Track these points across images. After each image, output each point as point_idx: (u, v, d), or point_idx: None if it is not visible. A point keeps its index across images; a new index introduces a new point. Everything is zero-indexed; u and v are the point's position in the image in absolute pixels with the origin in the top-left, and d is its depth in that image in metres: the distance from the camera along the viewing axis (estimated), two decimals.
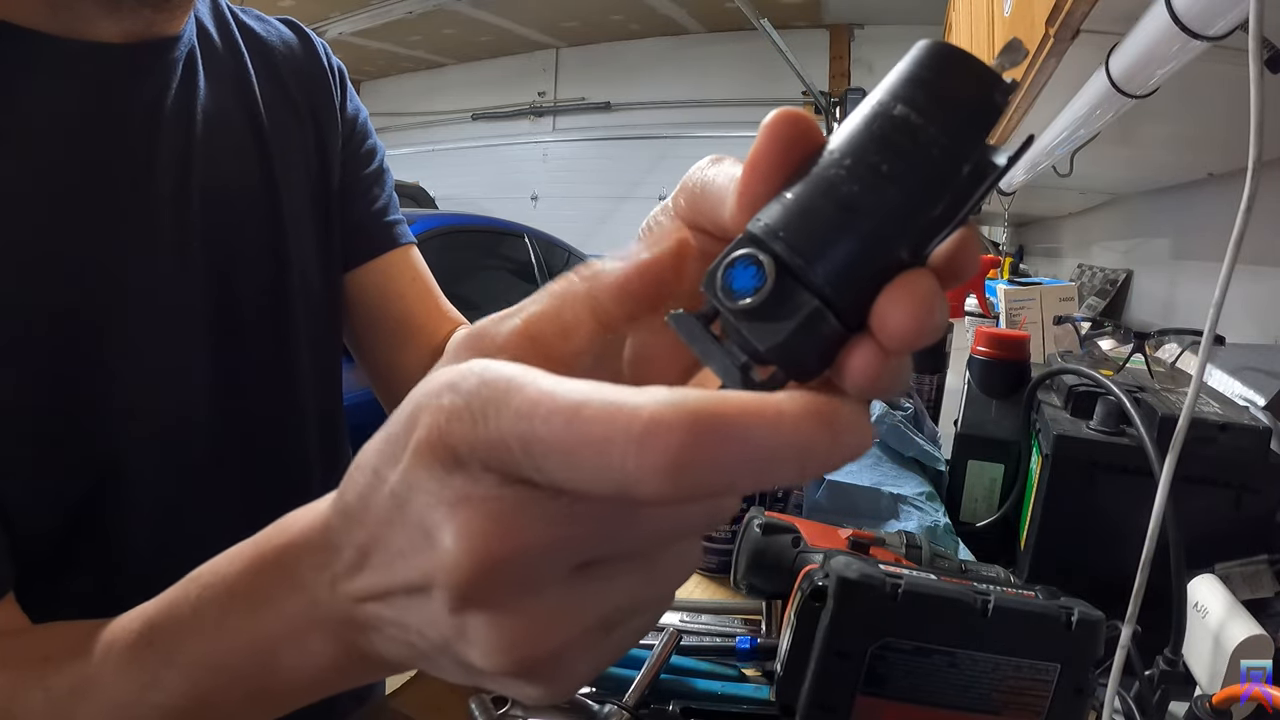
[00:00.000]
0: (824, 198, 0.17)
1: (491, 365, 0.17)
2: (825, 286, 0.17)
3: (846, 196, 0.17)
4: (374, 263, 0.58)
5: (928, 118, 0.18)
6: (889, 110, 0.18)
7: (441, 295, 0.61)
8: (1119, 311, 1.65)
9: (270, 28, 0.55)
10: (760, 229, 0.18)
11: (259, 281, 0.49)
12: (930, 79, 0.18)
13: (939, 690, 0.39)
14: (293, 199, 0.51)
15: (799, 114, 0.19)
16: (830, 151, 0.18)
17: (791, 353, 0.18)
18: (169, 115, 0.44)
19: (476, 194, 6.77)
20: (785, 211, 0.18)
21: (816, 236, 0.17)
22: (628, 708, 0.45)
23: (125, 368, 0.42)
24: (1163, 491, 0.43)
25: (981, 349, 0.80)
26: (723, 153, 0.23)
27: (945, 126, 0.18)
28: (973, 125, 0.18)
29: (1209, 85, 0.65)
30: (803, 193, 0.18)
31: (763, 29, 4.11)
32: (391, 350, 0.58)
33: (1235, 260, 0.39)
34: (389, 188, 0.61)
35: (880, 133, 0.18)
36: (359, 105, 0.59)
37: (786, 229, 0.18)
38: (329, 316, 0.56)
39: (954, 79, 0.18)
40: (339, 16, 5.05)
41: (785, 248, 0.17)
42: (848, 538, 0.58)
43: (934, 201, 0.18)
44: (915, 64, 0.18)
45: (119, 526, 0.42)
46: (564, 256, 3.78)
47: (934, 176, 0.18)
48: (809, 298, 0.17)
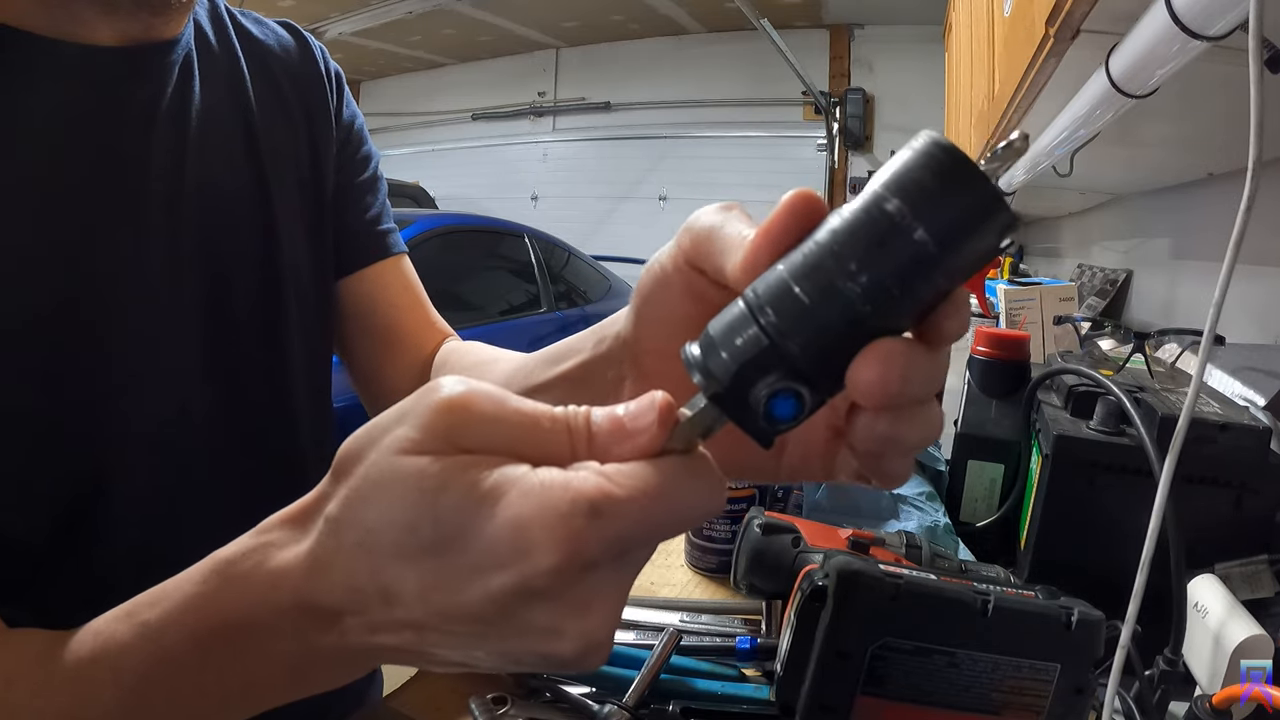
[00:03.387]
0: (837, 313, 0.20)
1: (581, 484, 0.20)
2: (827, 391, 0.21)
3: (857, 314, 0.20)
4: (365, 271, 0.58)
5: (933, 239, 0.19)
6: (899, 224, 0.19)
7: (431, 306, 0.62)
8: (1119, 311, 1.65)
9: (268, 30, 0.55)
10: (775, 333, 0.20)
11: (252, 283, 0.49)
12: (936, 189, 0.19)
13: (939, 690, 0.39)
14: (285, 202, 0.51)
15: (814, 196, 0.22)
16: (835, 249, 0.20)
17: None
18: (164, 118, 0.44)
19: (476, 194, 6.77)
20: (799, 320, 0.20)
21: (829, 353, 0.20)
22: (628, 708, 0.45)
23: (118, 368, 0.42)
24: (1163, 491, 0.43)
25: (981, 349, 0.80)
26: (723, 152, 0.25)
27: (950, 248, 0.19)
28: (976, 254, 0.20)
29: (1209, 85, 0.65)
30: (817, 302, 0.20)
31: (763, 29, 4.11)
32: (379, 358, 0.59)
33: (1235, 260, 0.39)
34: (383, 196, 0.61)
35: (885, 242, 0.19)
36: (355, 111, 0.59)
37: (804, 348, 0.20)
38: (322, 319, 0.56)
39: (958, 193, 0.19)
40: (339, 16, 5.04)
41: (803, 362, 0.20)
42: (848, 538, 0.58)
43: (924, 299, 0.20)
44: (924, 166, 0.19)
45: (112, 528, 0.42)
46: (564, 256, 3.78)
47: (929, 282, 0.20)
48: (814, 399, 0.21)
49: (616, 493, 0.20)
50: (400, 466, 0.21)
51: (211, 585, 0.24)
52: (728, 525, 0.68)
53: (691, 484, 0.21)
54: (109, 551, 0.42)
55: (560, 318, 3.28)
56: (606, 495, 0.20)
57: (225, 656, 0.24)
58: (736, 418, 0.21)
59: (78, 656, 0.26)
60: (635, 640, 0.56)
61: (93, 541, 0.42)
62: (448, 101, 7.45)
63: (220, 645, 0.24)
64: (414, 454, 0.21)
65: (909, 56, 5.28)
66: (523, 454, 0.21)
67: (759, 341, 0.20)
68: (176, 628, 0.24)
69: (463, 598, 0.21)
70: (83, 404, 0.40)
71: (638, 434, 0.21)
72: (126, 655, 0.25)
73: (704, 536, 0.69)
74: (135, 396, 0.43)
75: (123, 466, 0.42)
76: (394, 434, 0.22)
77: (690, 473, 0.21)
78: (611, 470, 0.20)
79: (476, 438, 0.21)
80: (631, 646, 0.54)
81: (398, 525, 0.21)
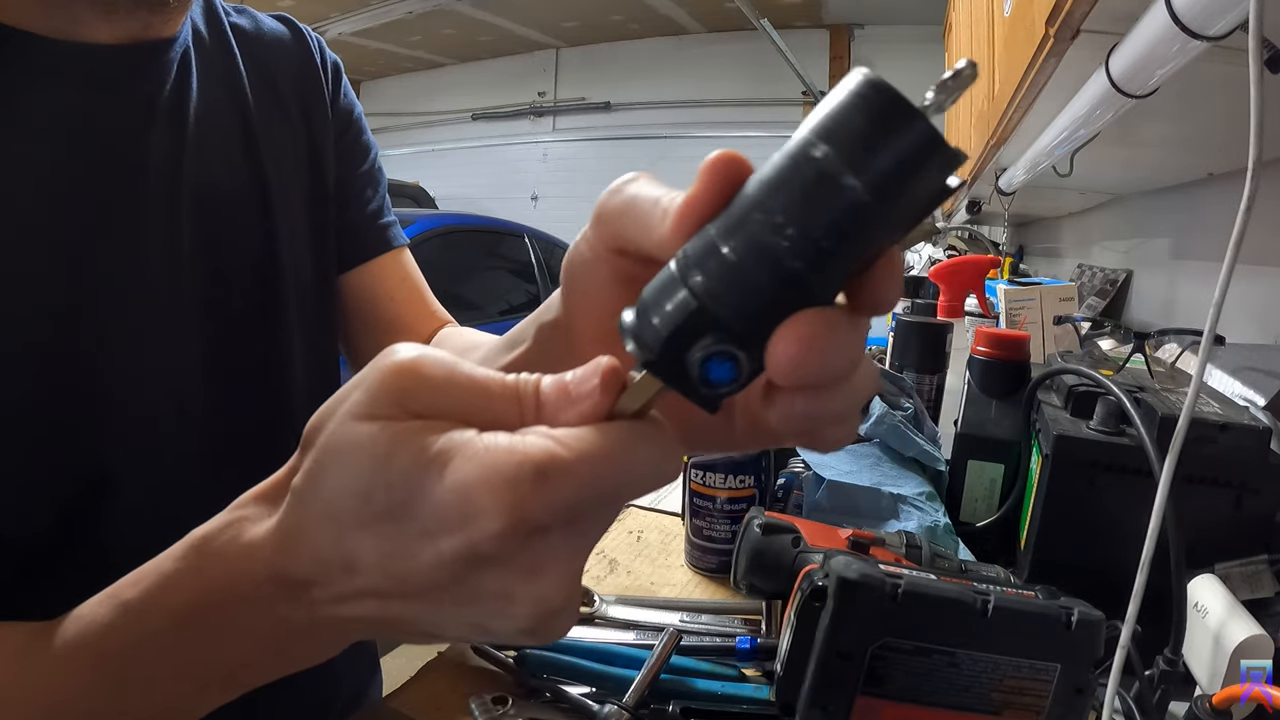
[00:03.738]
0: (766, 272, 0.19)
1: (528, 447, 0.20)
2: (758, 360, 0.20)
3: (788, 272, 0.18)
4: (367, 265, 0.59)
5: (865, 186, 0.18)
6: (826, 172, 0.18)
7: (430, 295, 0.62)
8: (1119, 311, 1.65)
9: (263, 25, 0.55)
10: (705, 295, 0.19)
11: (251, 282, 0.49)
12: (866, 132, 0.18)
13: (939, 690, 0.39)
14: (284, 198, 0.51)
15: (735, 157, 0.20)
16: (762, 202, 0.19)
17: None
18: (161, 117, 0.44)
19: (476, 194, 6.77)
20: (728, 280, 0.19)
21: (761, 314, 0.19)
22: (628, 708, 0.45)
23: (117, 368, 0.42)
24: (1163, 491, 0.43)
25: (981, 349, 0.80)
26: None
27: (885, 196, 0.18)
28: (917, 200, 0.18)
29: (1209, 85, 0.65)
30: (745, 260, 0.19)
31: (763, 29, 4.11)
32: (380, 347, 0.59)
33: (1235, 260, 0.39)
34: (383, 188, 0.61)
35: (812, 193, 0.18)
36: (354, 100, 0.59)
37: (735, 309, 0.19)
38: (324, 317, 0.56)
39: (890, 134, 0.18)
40: (339, 16, 5.05)
41: (736, 323, 0.19)
42: (848, 538, 0.58)
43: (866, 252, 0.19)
44: (854, 108, 0.18)
45: (112, 528, 0.42)
46: (564, 256, 3.78)
47: (866, 233, 0.18)
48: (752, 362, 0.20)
49: (563, 455, 0.20)
50: (353, 433, 0.21)
51: (189, 561, 0.25)
52: (728, 525, 0.68)
53: (641, 446, 0.21)
54: (109, 550, 0.42)
55: None
56: (552, 458, 0.20)
57: (203, 634, 0.24)
58: (675, 384, 0.20)
59: (60, 642, 0.26)
60: (635, 640, 0.56)
61: (93, 540, 0.42)
62: (448, 101, 7.45)
63: (198, 622, 0.24)
64: (366, 419, 0.21)
65: (909, 56, 5.27)
66: (472, 419, 0.21)
67: (688, 305, 0.19)
68: (156, 606, 0.25)
69: (416, 563, 0.21)
70: (82, 402, 0.40)
71: (582, 399, 0.21)
72: (108, 636, 0.25)
73: (704, 536, 0.69)
74: (135, 395, 0.43)
75: (122, 465, 0.42)
76: (349, 400, 0.22)
77: (639, 436, 0.21)
78: (560, 434, 0.20)
79: (426, 402, 0.21)
80: (631, 646, 0.54)
81: (353, 492, 0.21)
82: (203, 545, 0.25)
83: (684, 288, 0.19)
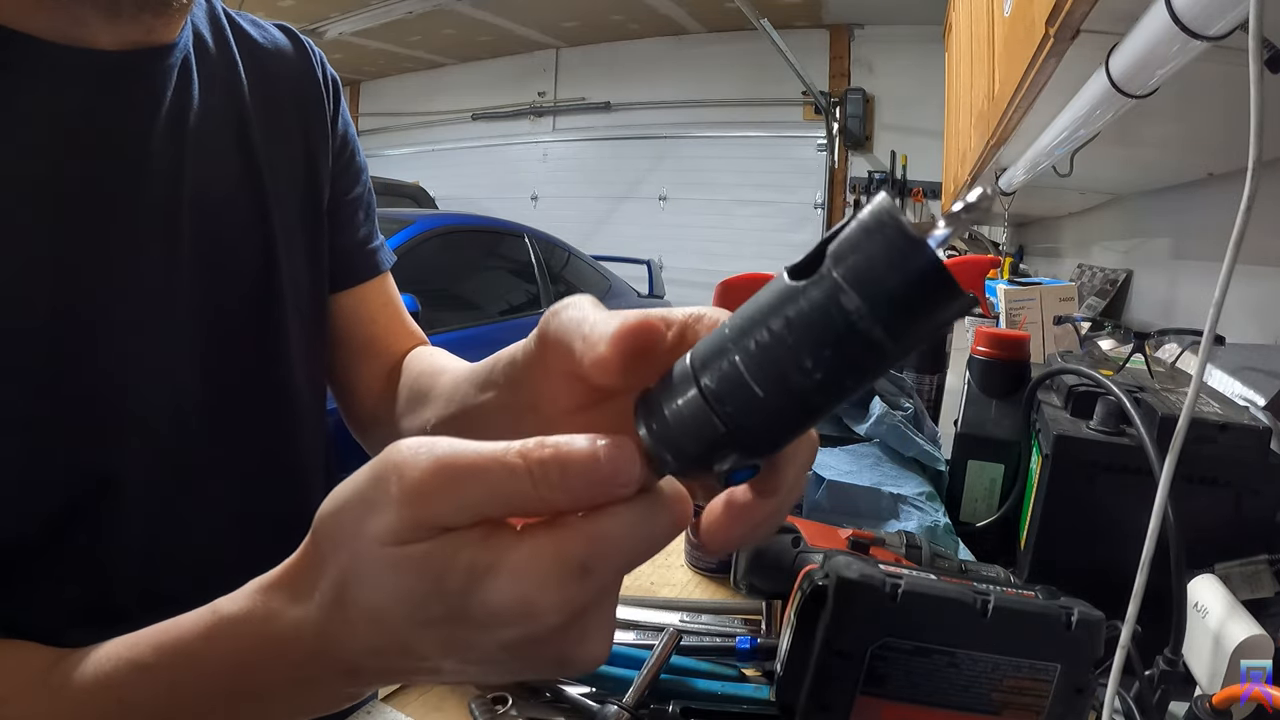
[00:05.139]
0: (790, 403, 0.21)
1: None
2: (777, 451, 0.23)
3: (811, 405, 0.21)
4: (352, 289, 0.60)
5: (891, 338, 0.19)
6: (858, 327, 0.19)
7: (407, 315, 0.64)
8: (1119, 311, 1.65)
9: (266, 34, 0.55)
10: (732, 424, 0.21)
11: (249, 287, 0.49)
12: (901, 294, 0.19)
13: (939, 690, 0.39)
14: (282, 207, 0.51)
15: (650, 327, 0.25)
16: (790, 343, 0.20)
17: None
18: (162, 122, 0.44)
19: (476, 194, 6.77)
20: (755, 412, 0.21)
21: (780, 432, 0.22)
22: (628, 708, 0.45)
23: (116, 369, 0.42)
24: (1163, 491, 0.43)
25: (981, 349, 0.80)
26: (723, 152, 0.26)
27: (906, 344, 0.19)
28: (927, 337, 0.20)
29: (1209, 85, 0.65)
30: (770, 396, 0.21)
31: (763, 29, 4.11)
32: (355, 367, 0.61)
33: (1235, 260, 0.39)
34: (373, 211, 0.63)
35: (844, 344, 0.19)
36: (349, 120, 0.60)
37: (759, 433, 0.22)
38: (319, 322, 0.56)
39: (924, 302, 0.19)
40: (339, 16, 5.04)
41: (764, 446, 0.22)
42: (848, 538, 0.58)
43: (867, 383, 0.21)
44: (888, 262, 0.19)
45: (111, 528, 0.42)
46: (564, 256, 3.78)
47: (881, 371, 0.20)
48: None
49: (602, 547, 0.22)
50: (392, 559, 0.22)
51: (219, 647, 0.26)
52: None
53: (661, 517, 0.23)
54: (108, 550, 0.42)
55: None
56: (593, 551, 0.22)
57: (229, 708, 0.27)
58: (696, 480, 0.24)
59: (80, 683, 0.28)
60: (635, 640, 0.56)
61: (93, 541, 0.42)
62: (448, 101, 7.45)
63: (223, 699, 0.26)
64: (400, 545, 0.22)
65: (909, 56, 5.27)
66: (494, 508, 0.23)
67: (716, 429, 0.21)
68: (183, 682, 0.27)
69: (477, 651, 0.23)
70: (81, 404, 0.40)
71: (614, 485, 0.22)
72: (132, 692, 0.27)
73: None
74: (133, 396, 0.43)
75: (121, 466, 0.42)
76: (373, 527, 0.23)
77: (660, 507, 0.23)
78: (588, 525, 0.22)
79: (450, 514, 0.22)
80: (631, 646, 0.54)
81: (407, 604, 0.23)
82: (231, 630, 0.26)
83: (713, 415, 0.21)
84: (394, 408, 0.55)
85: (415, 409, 0.51)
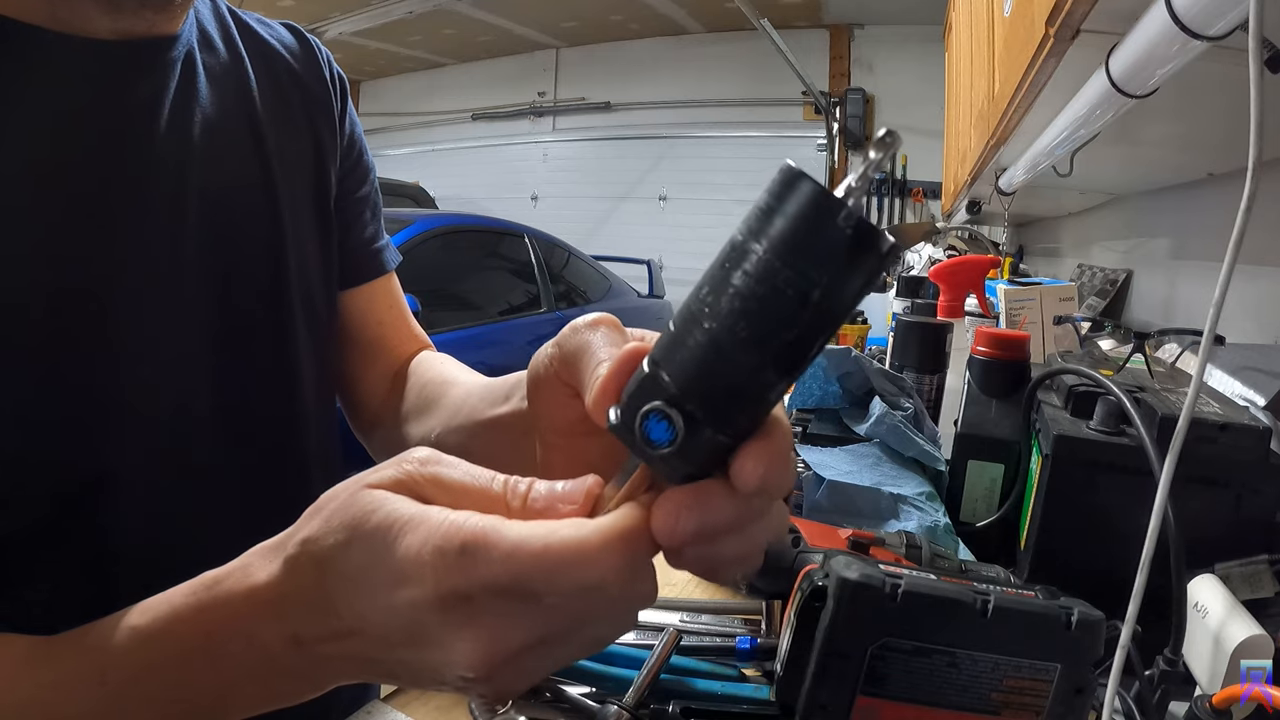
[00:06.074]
0: (715, 357, 0.21)
1: (465, 524, 0.23)
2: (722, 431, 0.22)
3: (727, 355, 0.21)
4: (359, 288, 0.60)
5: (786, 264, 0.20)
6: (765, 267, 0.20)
7: (411, 317, 0.64)
8: (1119, 311, 1.65)
9: (273, 32, 0.55)
10: (661, 376, 0.22)
11: (258, 281, 0.49)
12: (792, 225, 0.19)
13: (939, 690, 0.39)
14: (292, 201, 0.51)
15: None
16: (702, 298, 0.21)
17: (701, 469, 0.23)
18: (167, 115, 0.44)
19: (476, 194, 6.76)
20: (679, 366, 0.22)
21: (708, 390, 0.21)
22: (628, 708, 0.45)
23: (121, 365, 0.42)
24: (1163, 491, 0.43)
25: (981, 349, 0.80)
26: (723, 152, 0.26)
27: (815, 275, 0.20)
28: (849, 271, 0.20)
29: (1209, 85, 0.65)
30: (692, 353, 0.21)
31: (763, 29, 4.11)
32: (360, 366, 0.61)
33: (1235, 260, 0.39)
34: (379, 211, 0.63)
35: (747, 290, 0.20)
36: (356, 119, 0.60)
37: (684, 387, 0.22)
38: (328, 321, 0.56)
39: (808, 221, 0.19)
40: (339, 16, 5.04)
41: (691, 403, 0.22)
42: (848, 538, 0.58)
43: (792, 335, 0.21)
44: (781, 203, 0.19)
45: (114, 524, 0.42)
46: (564, 256, 3.78)
47: (793, 320, 0.20)
48: (711, 434, 0.22)
49: (491, 535, 0.23)
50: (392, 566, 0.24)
51: (199, 598, 0.28)
52: None
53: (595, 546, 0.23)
54: (110, 546, 0.42)
55: (560, 317, 3.28)
56: (480, 536, 0.23)
57: (203, 663, 0.27)
58: (631, 448, 0.23)
59: (63, 660, 0.29)
60: (635, 640, 0.56)
61: (93, 536, 0.42)
62: (448, 101, 7.45)
63: (200, 652, 0.27)
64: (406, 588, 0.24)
65: (909, 56, 5.27)
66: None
67: (639, 373, 0.23)
68: (164, 634, 0.27)
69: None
70: (85, 399, 0.40)
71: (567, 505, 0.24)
72: (116, 657, 0.28)
73: None
74: (138, 392, 0.42)
75: (125, 462, 0.42)
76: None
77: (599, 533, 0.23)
78: (511, 524, 0.23)
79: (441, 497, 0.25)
80: (631, 646, 0.54)
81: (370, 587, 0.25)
82: (212, 585, 0.28)
83: (659, 375, 0.22)
84: (399, 412, 0.55)
85: (421, 417, 0.52)
